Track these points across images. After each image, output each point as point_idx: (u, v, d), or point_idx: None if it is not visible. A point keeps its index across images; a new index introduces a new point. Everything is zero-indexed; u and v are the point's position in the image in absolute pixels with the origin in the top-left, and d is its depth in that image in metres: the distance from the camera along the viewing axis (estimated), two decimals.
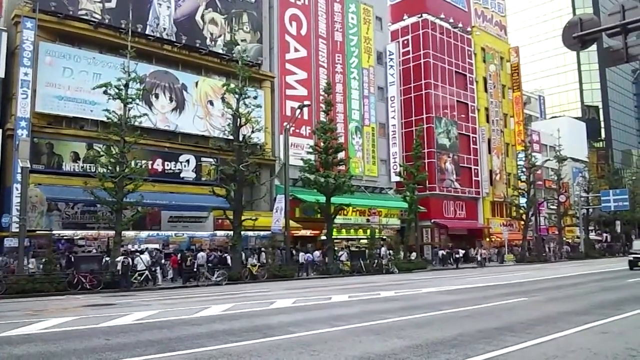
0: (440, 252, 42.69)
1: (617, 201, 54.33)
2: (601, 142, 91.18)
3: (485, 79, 57.37)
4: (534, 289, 19.80)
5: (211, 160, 32.53)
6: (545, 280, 24.69)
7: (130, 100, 25.08)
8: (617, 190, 57.18)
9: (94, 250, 27.06)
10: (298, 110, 33.20)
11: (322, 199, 32.50)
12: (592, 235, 63.50)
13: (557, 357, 8.18)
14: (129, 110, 25.23)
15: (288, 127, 32.45)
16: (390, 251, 36.99)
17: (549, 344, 9.19)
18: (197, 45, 33.10)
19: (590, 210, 60.85)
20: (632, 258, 30.95)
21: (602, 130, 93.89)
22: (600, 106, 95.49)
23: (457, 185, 50.69)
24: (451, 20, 53.42)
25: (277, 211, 30.79)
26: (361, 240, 40.14)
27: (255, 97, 29.72)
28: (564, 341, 9.46)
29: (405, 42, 50.77)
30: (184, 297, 19.19)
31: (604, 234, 67.45)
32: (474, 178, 53.22)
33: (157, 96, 31.19)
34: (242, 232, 28.67)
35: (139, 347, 9.07)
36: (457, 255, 41.89)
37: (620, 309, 13.54)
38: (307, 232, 35.78)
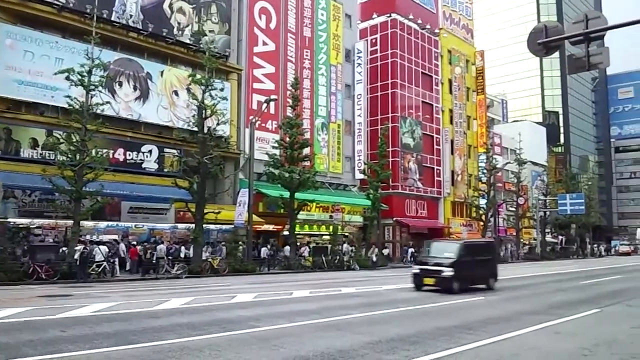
0: (410, 250, 43.47)
1: (573, 205, 56.04)
2: (560, 147, 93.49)
3: (450, 81, 58.13)
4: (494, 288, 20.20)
5: (174, 151, 32.08)
6: (502, 280, 25.17)
7: (93, 87, 24.49)
8: (573, 195, 58.91)
9: (51, 240, 26.41)
10: (265, 104, 33.04)
11: (286, 194, 32.46)
12: (548, 238, 65.14)
13: (513, 355, 8.39)
14: (92, 97, 24.63)
15: (254, 120, 32.26)
16: (352, 248, 37.21)
17: (504, 342, 9.41)
18: (164, 34, 32.54)
19: (548, 213, 62.37)
20: (418, 270, 18.90)
21: (562, 136, 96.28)
22: (561, 112, 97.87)
23: (420, 185, 51.27)
24: (419, 21, 53.89)
25: (240, 205, 30.60)
26: (324, 237, 40.23)
27: (221, 89, 29.38)
28: (519, 340, 9.70)
29: (374, 40, 51.03)
30: (143, 290, 18.94)
31: (560, 237, 69.28)
32: (436, 178, 53.93)
33: (120, 84, 30.57)
34: (204, 226, 28.39)
35: (96, 339, 8.92)
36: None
37: (574, 310, 13.95)
38: (270, 227, 35.65)
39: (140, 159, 30.78)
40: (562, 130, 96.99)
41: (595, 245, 76.54)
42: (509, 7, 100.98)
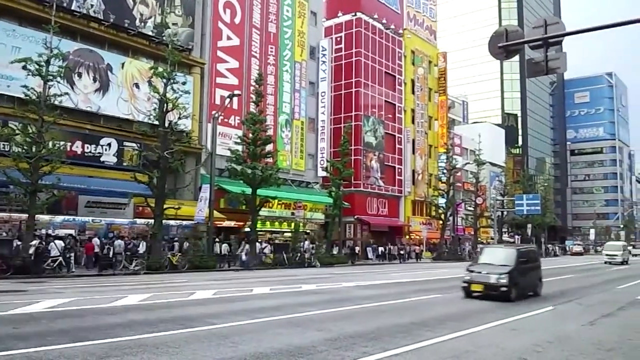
0: (380, 249, 44.40)
1: (529, 205, 57.42)
2: (518, 149, 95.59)
3: (413, 82, 58.77)
4: (450, 286, 20.53)
5: (134, 145, 31.50)
6: (460, 279, 25.62)
7: (51, 77, 23.84)
8: (530, 195, 60.38)
9: (5, 234, 25.63)
10: (228, 100, 32.80)
11: (248, 190, 32.27)
12: (505, 237, 66.56)
13: (469, 351, 8.56)
14: (49, 88, 23.98)
15: (217, 115, 31.98)
16: (313, 245, 37.30)
17: (461, 339, 9.60)
18: (126, 25, 31.91)
19: (505, 213, 63.67)
20: None
21: (520, 138, 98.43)
22: (519, 114, 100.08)
23: (381, 183, 51.74)
24: (384, 21, 54.31)
25: (201, 201, 30.31)
26: (285, 233, 40.22)
27: (184, 83, 29.02)
28: (476, 337, 9.91)
29: (339, 39, 51.18)
30: (99, 286, 18.58)
31: (516, 236, 70.86)
32: (397, 177, 54.51)
33: (80, 75, 29.88)
34: (164, 221, 28.02)
35: (49, 336, 8.72)
36: (401, 252, 45.75)
37: (529, 307, 14.32)
38: (231, 223, 35.43)
39: (99, 152, 30.17)
40: (520, 132, 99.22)
41: (550, 245, 78.55)
42: (471, 11, 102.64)
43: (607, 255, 46.24)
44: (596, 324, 11.98)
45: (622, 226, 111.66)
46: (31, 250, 21.96)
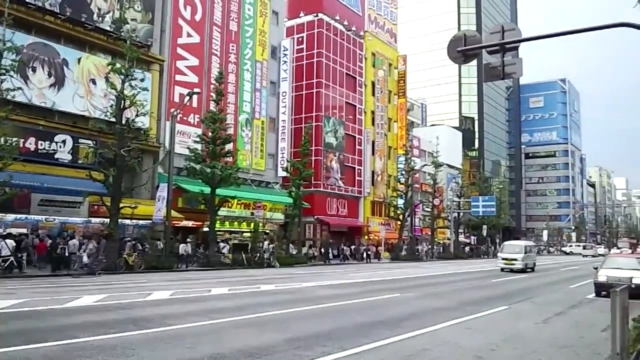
0: (343, 248, 45.01)
1: (485, 207, 58.92)
2: (474, 152, 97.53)
3: (373, 84, 59.28)
4: (408, 286, 20.85)
5: (90, 142, 30.75)
6: (418, 278, 26.07)
7: (4, 71, 23.11)
8: (485, 197, 61.85)
9: None
10: (187, 97, 32.42)
11: (207, 189, 31.98)
12: (461, 238, 67.82)
13: (426, 350, 8.71)
14: (2, 82, 23.24)
15: (175, 113, 31.57)
16: (272, 245, 37.20)
17: (419, 338, 9.76)
18: (83, 19, 31.18)
19: (461, 214, 64.84)
20: None
21: (476, 141, 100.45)
22: (476, 118, 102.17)
23: (341, 184, 52.00)
24: (345, 23, 54.61)
25: (159, 200, 29.85)
26: (244, 233, 40.00)
27: (142, 80, 28.49)
28: (433, 335, 10.09)
29: (300, 39, 51.20)
30: (53, 286, 18.12)
31: (472, 237, 72.28)
32: (357, 178, 54.88)
33: (34, 70, 29.02)
34: (120, 220, 27.50)
35: (2, 338, 8.48)
36: (368, 252, 46.33)
37: (485, 306, 14.65)
38: (190, 223, 35.02)
39: (53, 149, 29.39)
40: (477, 135, 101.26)
41: None
42: (431, 15, 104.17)
43: (503, 259, 32.89)
44: (549, 322, 12.34)
45: (573, 228, 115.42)
46: None
